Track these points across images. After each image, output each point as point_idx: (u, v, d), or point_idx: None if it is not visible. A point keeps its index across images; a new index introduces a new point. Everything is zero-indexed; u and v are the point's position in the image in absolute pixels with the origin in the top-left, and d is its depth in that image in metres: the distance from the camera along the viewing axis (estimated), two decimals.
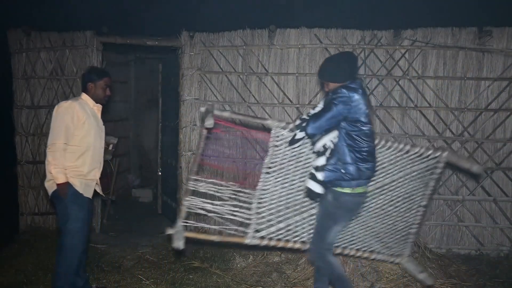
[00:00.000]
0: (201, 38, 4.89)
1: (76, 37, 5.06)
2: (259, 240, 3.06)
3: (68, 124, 3.04)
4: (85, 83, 3.23)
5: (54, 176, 3.02)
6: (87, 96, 3.23)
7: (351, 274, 3.58)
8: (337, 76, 2.80)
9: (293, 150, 3.05)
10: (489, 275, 3.96)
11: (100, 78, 3.21)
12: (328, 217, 2.86)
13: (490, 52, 4.56)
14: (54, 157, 3.01)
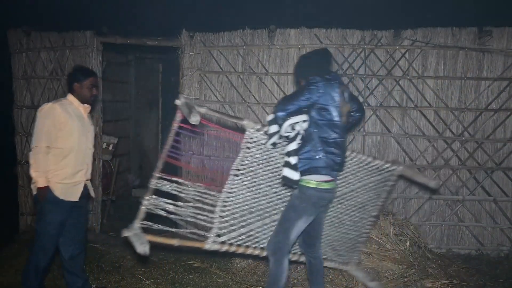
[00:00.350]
0: (201, 38, 4.89)
1: (76, 37, 5.06)
2: (220, 245, 2.93)
3: (49, 127, 3.01)
4: (71, 83, 3.18)
5: (34, 179, 3.00)
6: (72, 97, 3.17)
7: (351, 274, 3.58)
8: (309, 73, 2.79)
9: (264, 153, 2.95)
10: (489, 275, 3.96)
11: (85, 78, 3.16)
12: (292, 209, 2.81)
13: (490, 52, 4.56)
14: (36, 161, 2.98)
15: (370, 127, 4.75)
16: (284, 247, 2.80)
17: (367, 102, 4.72)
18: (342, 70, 4.72)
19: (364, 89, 4.71)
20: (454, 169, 4.65)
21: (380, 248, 3.75)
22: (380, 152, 4.75)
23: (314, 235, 3.01)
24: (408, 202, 4.74)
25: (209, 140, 4.73)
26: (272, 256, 2.82)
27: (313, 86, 2.70)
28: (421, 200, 4.71)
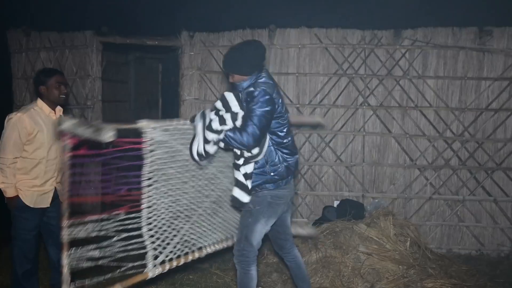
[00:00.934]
0: (201, 38, 4.88)
1: (76, 37, 5.06)
2: (162, 267, 2.72)
3: (15, 140, 2.88)
4: (37, 87, 3.00)
5: (3, 190, 2.93)
6: (42, 102, 3.00)
7: (351, 274, 3.57)
8: (244, 68, 2.60)
9: (170, 150, 2.71)
10: (489, 275, 3.95)
11: (50, 77, 2.97)
12: (248, 214, 2.66)
13: (491, 52, 4.55)
14: (3, 172, 2.90)
15: (370, 127, 4.75)
16: (249, 254, 2.64)
17: (367, 102, 4.72)
18: (342, 70, 4.72)
19: (364, 89, 4.71)
20: (454, 169, 4.64)
21: (380, 248, 3.75)
22: (380, 152, 4.75)
23: (284, 237, 2.90)
24: (408, 202, 4.73)
25: (110, 159, 4.31)
26: (238, 265, 2.69)
27: (267, 99, 2.49)
28: (421, 200, 4.70)
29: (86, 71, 5.06)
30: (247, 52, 2.64)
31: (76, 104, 5.10)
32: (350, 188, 4.80)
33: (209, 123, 2.64)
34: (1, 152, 2.89)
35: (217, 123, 2.59)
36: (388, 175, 4.76)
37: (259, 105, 2.47)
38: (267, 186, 2.63)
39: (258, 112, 2.45)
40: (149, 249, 2.65)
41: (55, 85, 2.97)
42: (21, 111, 2.97)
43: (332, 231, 4.01)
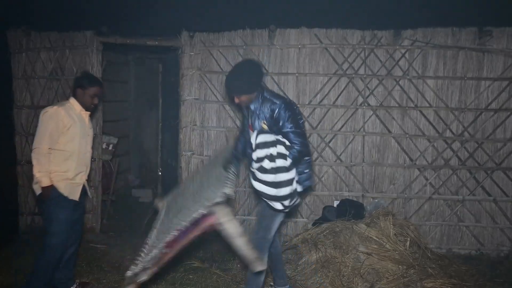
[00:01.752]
0: (201, 38, 4.89)
1: (76, 37, 5.05)
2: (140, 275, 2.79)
3: (52, 130, 3.07)
4: (75, 87, 3.24)
5: (38, 179, 3.07)
6: (74, 101, 3.23)
7: (351, 274, 3.58)
8: (251, 88, 2.82)
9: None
10: (489, 275, 3.95)
11: (90, 86, 3.20)
12: (270, 207, 2.86)
13: (490, 52, 4.56)
14: (39, 161, 3.05)
15: (370, 127, 4.75)
16: (265, 244, 2.89)
17: (367, 102, 4.72)
18: (342, 70, 4.72)
19: (364, 89, 4.71)
20: (454, 169, 4.65)
21: (380, 248, 3.75)
22: (380, 152, 4.75)
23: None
24: (408, 202, 4.74)
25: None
26: (260, 256, 2.85)
27: (294, 107, 2.85)
28: (421, 200, 4.71)
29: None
30: (248, 72, 2.83)
31: None
32: (350, 188, 4.80)
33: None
34: (36, 143, 3.07)
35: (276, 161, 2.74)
36: (388, 175, 4.76)
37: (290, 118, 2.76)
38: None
39: (292, 124, 2.76)
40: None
41: (91, 94, 3.21)
42: (57, 105, 3.19)
43: (332, 231, 4.02)
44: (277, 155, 2.69)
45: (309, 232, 4.14)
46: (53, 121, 3.07)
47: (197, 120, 4.94)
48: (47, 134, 3.06)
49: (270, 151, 2.69)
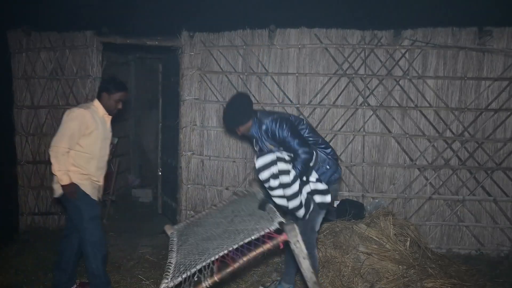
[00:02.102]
0: (201, 38, 4.89)
1: (76, 37, 5.06)
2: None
3: (73, 132, 3.09)
4: (101, 91, 3.25)
5: (59, 178, 3.08)
6: (99, 104, 3.25)
7: (351, 274, 3.58)
8: (245, 118, 3.10)
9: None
10: (489, 275, 3.95)
11: (116, 91, 3.22)
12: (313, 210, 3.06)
13: (490, 52, 4.56)
14: (58, 160, 3.05)
15: (370, 127, 4.75)
16: (314, 240, 3.18)
17: (367, 102, 4.72)
18: (342, 70, 4.72)
19: (364, 89, 4.71)
20: (454, 169, 4.65)
21: (380, 248, 3.75)
22: (380, 152, 4.75)
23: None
24: (408, 202, 4.74)
25: None
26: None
27: (291, 122, 3.04)
28: (421, 200, 4.71)
29: (86, 71, 5.06)
30: (240, 106, 3.10)
31: (76, 104, 5.09)
32: (350, 188, 4.80)
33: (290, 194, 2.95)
34: (56, 141, 3.07)
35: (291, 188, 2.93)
36: (388, 175, 4.76)
37: (284, 131, 2.96)
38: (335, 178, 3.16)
39: (289, 136, 2.94)
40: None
41: (116, 99, 3.22)
42: (82, 107, 3.20)
43: (332, 231, 4.02)
44: (279, 172, 2.87)
45: None
46: (77, 122, 3.08)
47: (197, 120, 4.94)
48: (68, 134, 3.07)
49: (272, 170, 2.88)
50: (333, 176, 3.16)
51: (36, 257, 4.26)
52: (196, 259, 2.77)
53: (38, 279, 3.78)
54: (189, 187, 4.99)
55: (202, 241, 3.10)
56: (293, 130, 2.99)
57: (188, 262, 2.80)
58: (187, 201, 5.02)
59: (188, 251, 3.04)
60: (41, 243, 4.64)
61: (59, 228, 5.13)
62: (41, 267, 4.03)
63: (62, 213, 5.18)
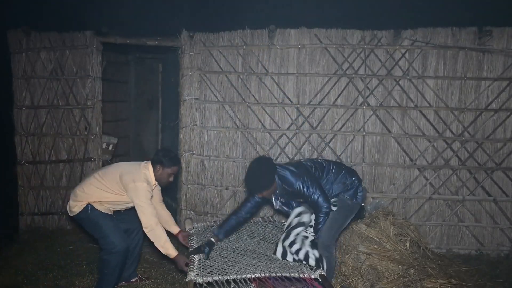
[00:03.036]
0: (201, 38, 4.89)
1: (76, 37, 5.06)
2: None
3: (149, 208, 3.18)
4: (155, 162, 3.29)
5: (165, 253, 3.19)
6: (152, 174, 3.30)
7: (351, 274, 3.58)
8: (270, 183, 3.14)
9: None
10: (489, 275, 3.95)
11: (171, 166, 3.29)
12: (343, 213, 3.30)
13: (490, 52, 4.56)
14: (157, 235, 3.17)
15: (370, 127, 4.75)
16: (334, 242, 3.33)
17: (367, 102, 4.72)
18: (342, 70, 4.72)
19: (364, 89, 4.71)
20: (454, 169, 4.65)
21: (380, 248, 3.75)
22: (380, 152, 4.75)
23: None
24: (408, 202, 4.74)
25: None
26: (327, 251, 3.23)
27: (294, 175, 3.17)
28: (421, 200, 4.71)
29: (86, 71, 5.06)
30: (262, 173, 3.12)
31: (76, 104, 5.10)
32: None
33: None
34: (146, 221, 3.19)
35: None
36: (388, 175, 4.76)
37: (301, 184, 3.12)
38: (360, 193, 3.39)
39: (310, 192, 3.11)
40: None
41: (169, 173, 3.31)
42: (144, 181, 3.21)
43: None
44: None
45: None
46: (148, 196, 3.20)
47: (197, 120, 4.94)
48: (148, 211, 3.16)
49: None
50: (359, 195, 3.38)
51: (36, 257, 4.26)
52: (224, 267, 2.81)
53: (38, 279, 3.78)
54: (189, 187, 4.99)
55: (227, 251, 3.17)
56: (310, 183, 3.13)
57: (216, 266, 2.83)
58: (187, 201, 5.02)
59: (211, 255, 3.07)
60: (41, 243, 4.64)
61: (59, 228, 5.14)
62: (41, 267, 4.03)
63: (62, 213, 5.18)
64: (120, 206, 3.41)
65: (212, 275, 2.69)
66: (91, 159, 5.09)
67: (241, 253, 3.18)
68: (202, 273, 2.72)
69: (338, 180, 3.32)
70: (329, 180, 3.31)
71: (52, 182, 5.20)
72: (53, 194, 5.20)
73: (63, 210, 5.18)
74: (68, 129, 5.14)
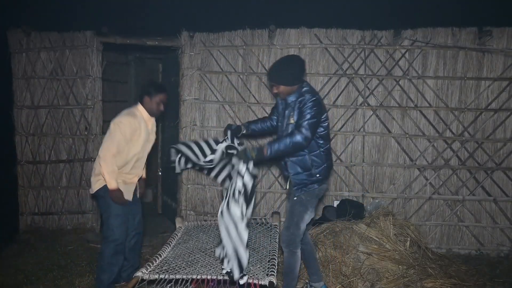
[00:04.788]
0: (201, 38, 4.89)
1: (76, 37, 5.06)
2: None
3: (120, 141, 3.24)
4: (142, 95, 3.38)
5: (107, 181, 3.25)
6: (142, 108, 3.39)
7: (351, 274, 3.58)
8: (290, 79, 2.91)
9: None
10: (489, 275, 3.96)
11: (157, 93, 3.34)
12: (299, 204, 3.06)
13: (490, 52, 4.56)
14: (107, 164, 3.22)
15: (370, 127, 4.75)
16: (297, 238, 3.06)
17: (367, 102, 4.72)
18: (342, 70, 4.72)
19: (364, 89, 4.71)
20: (454, 169, 4.65)
21: (380, 248, 3.75)
22: (380, 152, 4.75)
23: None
24: (408, 202, 4.74)
25: None
26: (286, 248, 3.08)
27: (316, 102, 2.84)
28: (421, 200, 4.71)
29: (86, 71, 5.06)
30: (291, 65, 2.94)
31: (76, 104, 5.10)
32: (350, 188, 4.81)
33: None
34: (106, 149, 3.23)
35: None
36: (388, 175, 4.76)
37: (309, 112, 2.81)
38: (314, 186, 3.03)
39: (308, 116, 2.80)
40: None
41: (158, 101, 3.36)
42: (130, 115, 3.30)
43: (332, 231, 4.02)
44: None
45: (309, 232, 4.13)
46: (123, 131, 3.23)
47: (197, 120, 4.94)
48: (116, 141, 3.22)
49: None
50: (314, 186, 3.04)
51: (36, 257, 4.26)
52: (180, 267, 2.79)
53: (38, 279, 3.78)
54: (189, 187, 4.99)
55: (197, 250, 3.12)
56: (315, 114, 2.82)
57: (173, 265, 2.82)
58: (187, 201, 5.02)
59: (180, 253, 3.07)
60: (41, 243, 4.64)
61: (59, 228, 5.14)
62: (41, 267, 4.03)
63: (62, 213, 5.19)
64: (130, 164, 3.39)
65: (161, 273, 2.68)
66: (91, 159, 5.09)
67: (208, 253, 3.08)
68: (154, 271, 2.72)
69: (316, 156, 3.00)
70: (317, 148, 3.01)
71: (52, 182, 5.20)
72: (53, 194, 5.20)
73: (63, 210, 5.19)
74: (68, 129, 5.14)
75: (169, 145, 5.74)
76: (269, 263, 2.88)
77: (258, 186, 4.89)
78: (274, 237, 3.45)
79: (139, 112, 3.37)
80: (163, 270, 2.74)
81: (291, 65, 2.95)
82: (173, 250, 3.17)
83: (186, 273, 2.70)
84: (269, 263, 2.87)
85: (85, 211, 5.20)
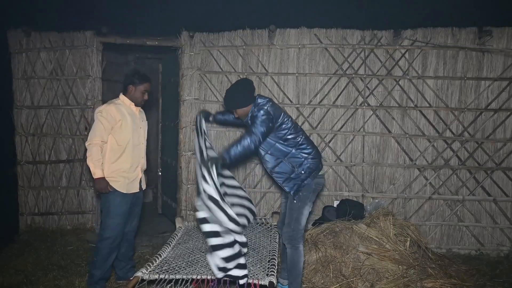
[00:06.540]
0: (201, 38, 4.89)
1: (76, 37, 5.06)
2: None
3: (103, 126, 3.27)
4: (126, 84, 3.43)
5: (92, 171, 3.27)
6: (124, 97, 3.44)
7: (351, 274, 3.58)
8: (243, 102, 3.13)
9: None
10: (489, 275, 3.95)
11: (140, 82, 3.41)
12: (297, 200, 3.14)
13: (490, 52, 4.56)
14: (91, 153, 3.26)
15: (370, 127, 4.75)
16: (298, 234, 3.14)
17: (367, 102, 4.72)
18: (342, 70, 4.72)
19: (364, 89, 4.71)
20: (454, 169, 4.65)
21: (380, 248, 3.75)
22: (380, 152, 4.75)
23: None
24: (408, 202, 4.74)
25: None
26: (289, 244, 3.14)
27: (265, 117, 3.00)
28: (421, 200, 4.71)
29: (86, 71, 5.07)
30: (241, 90, 3.13)
31: (76, 104, 5.10)
32: (350, 188, 4.81)
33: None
34: (90, 139, 3.28)
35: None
36: (388, 175, 4.76)
37: (259, 123, 2.98)
38: (307, 181, 3.11)
39: (259, 126, 2.96)
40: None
41: (142, 90, 3.43)
42: (108, 103, 3.36)
43: (332, 231, 4.02)
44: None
45: (309, 232, 4.14)
46: (104, 118, 3.26)
47: None
48: (98, 128, 3.27)
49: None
50: (308, 181, 3.13)
51: (36, 257, 4.26)
52: (181, 267, 2.79)
53: (38, 279, 3.78)
54: (189, 187, 4.99)
55: (198, 250, 3.13)
56: (265, 122, 2.98)
57: (173, 265, 2.82)
58: (187, 201, 5.02)
59: (181, 253, 3.07)
60: (41, 243, 4.64)
61: (59, 228, 5.14)
62: (41, 267, 4.03)
63: (62, 213, 5.19)
64: (127, 154, 3.39)
65: (161, 272, 2.69)
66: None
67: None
68: (154, 271, 2.73)
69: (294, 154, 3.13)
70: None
71: (52, 182, 5.20)
72: (53, 194, 5.21)
73: (63, 210, 5.19)
74: (68, 129, 5.15)
75: (169, 145, 5.77)
76: (269, 263, 2.89)
77: (258, 186, 4.89)
78: (274, 237, 3.46)
79: (120, 101, 3.42)
80: (163, 270, 2.74)
81: (241, 89, 3.15)
82: (173, 250, 3.17)
83: (186, 273, 2.70)
84: (269, 263, 2.87)
85: (85, 211, 5.20)
